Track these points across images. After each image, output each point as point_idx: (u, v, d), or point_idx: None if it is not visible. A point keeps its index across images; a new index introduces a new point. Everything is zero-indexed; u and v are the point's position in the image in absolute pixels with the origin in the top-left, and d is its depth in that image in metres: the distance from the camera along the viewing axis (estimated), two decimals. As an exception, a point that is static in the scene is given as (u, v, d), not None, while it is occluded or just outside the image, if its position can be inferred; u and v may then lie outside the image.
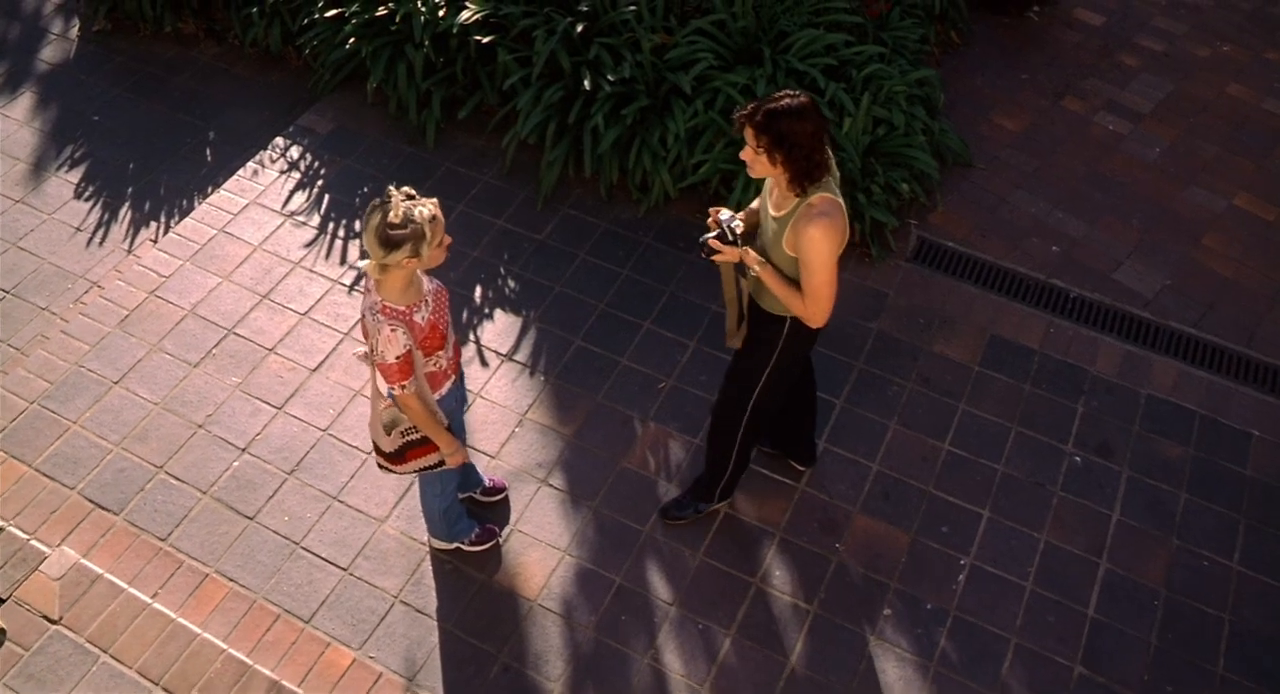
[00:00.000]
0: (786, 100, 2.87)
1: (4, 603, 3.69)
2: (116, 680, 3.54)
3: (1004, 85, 5.73)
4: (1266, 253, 4.97)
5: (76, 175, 5.13)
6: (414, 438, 3.20)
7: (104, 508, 3.94)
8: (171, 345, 4.41)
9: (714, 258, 3.15)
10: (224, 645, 3.63)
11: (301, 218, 4.89)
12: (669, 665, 3.64)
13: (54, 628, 3.65)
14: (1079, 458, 4.20)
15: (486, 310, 4.59)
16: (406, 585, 3.80)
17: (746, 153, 2.97)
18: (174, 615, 3.69)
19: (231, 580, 3.79)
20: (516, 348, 4.46)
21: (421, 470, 3.31)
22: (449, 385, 3.22)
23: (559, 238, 4.86)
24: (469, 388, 4.30)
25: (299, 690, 3.53)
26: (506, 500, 4.01)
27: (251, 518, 3.94)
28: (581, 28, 4.87)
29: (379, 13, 5.09)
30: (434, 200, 2.84)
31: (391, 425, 3.17)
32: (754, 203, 3.33)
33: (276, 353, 4.40)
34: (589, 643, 3.68)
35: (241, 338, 4.44)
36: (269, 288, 4.62)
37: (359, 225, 4.83)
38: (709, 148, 4.75)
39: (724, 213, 3.17)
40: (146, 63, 5.68)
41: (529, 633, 3.70)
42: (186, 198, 5.04)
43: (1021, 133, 5.46)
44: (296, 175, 5.07)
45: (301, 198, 4.97)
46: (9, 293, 4.65)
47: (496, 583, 3.81)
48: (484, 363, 4.41)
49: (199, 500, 3.97)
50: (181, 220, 4.88)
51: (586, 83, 4.76)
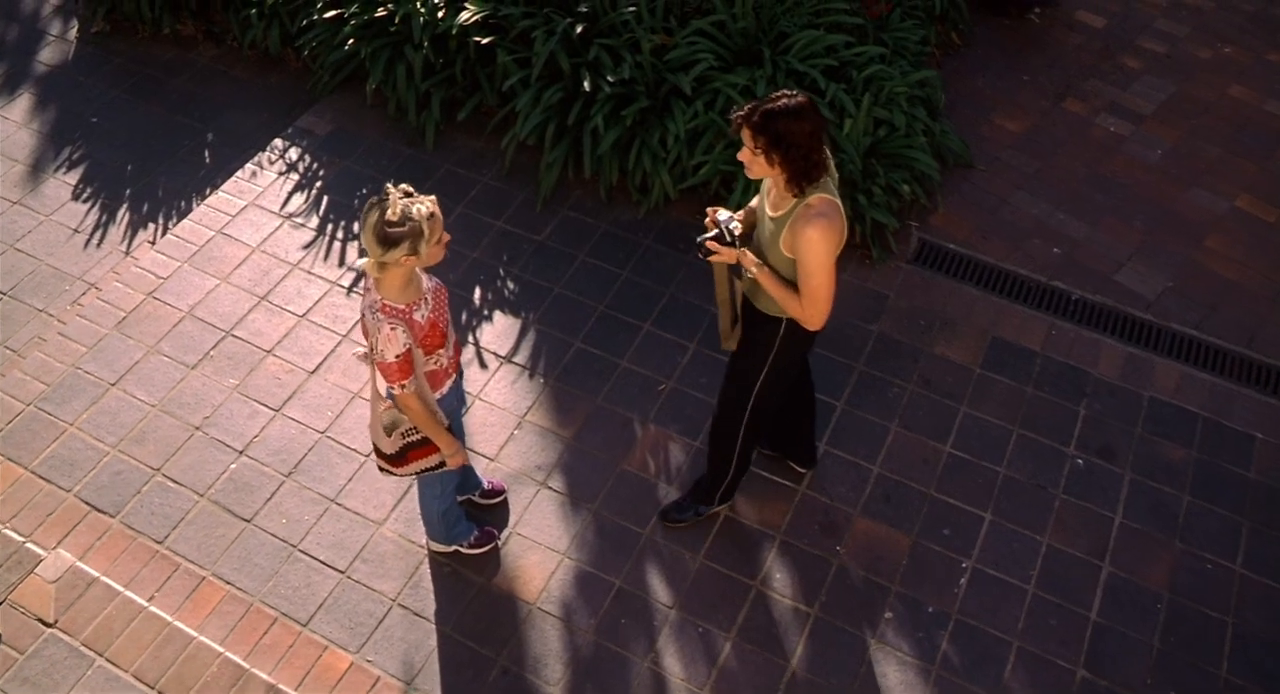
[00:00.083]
0: (784, 100, 2.86)
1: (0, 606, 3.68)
2: (112, 684, 3.52)
3: (1005, 87, 5.72)
4: (1268, 254, 4.95)
5: (74, 177, 5.11)
6: (414, 439, 3.18)
7: (100, 510, 3.92)
8: (169, 347, 4.39)
9: (710, 258, 3.14)
10: (221, 649, 3.61)
11: (300, 219, 4.88)
12: (669, 669, 3.62)
13: (49, 631, 3.63)
14: (1081, 460, 4.18)
15: (485, 312, 4.57)
16: (405, 588, 3.77)
17: (744, 154, 2.95)
18: (170, 618, 3.67)
19: (228, 583, 3.77)
20: (516, 350, 4.44)
21: (422, 472, 3.29)
22: (449, 384, 3.20)
23: (558, 239, 4.84)
24: (468, 390, 4.28)
25: (296, 694, 3.52)
26: (505, 503, 3.99)
27: (249, 520, 3.92)
28: (581, 29, 4.86)
29: (378, 14, 5.08)
30: (432, 198, 2.82)
31: (392, 427, 3.15)
32: (752, 202, 3.31)
33: (274, 355, 4.38)
34: (588, 646, 3.66)
35: (239, 340, 4.42)
36: (267, 289, 4.60)
37: (358, 226, 4.82)
38: (709, 149, 4.73)
39: (722, 213, 3.15)
40: (145, 64, 5.67)
41: (528, 636, 3.67)
42: (185, 199, 5.03)
43: (1023, 134, 5.45)
44: (295, 177, 5.05)
45: (300, 199, 4.95)
46: (6, 294, 4.63)
47: (495, 586, 3.79)
48: (483, 365, 4.39)
49: (196, 503, 3.95)
50: (179, 222, 4.87)
51: (586, 84, 4.75)
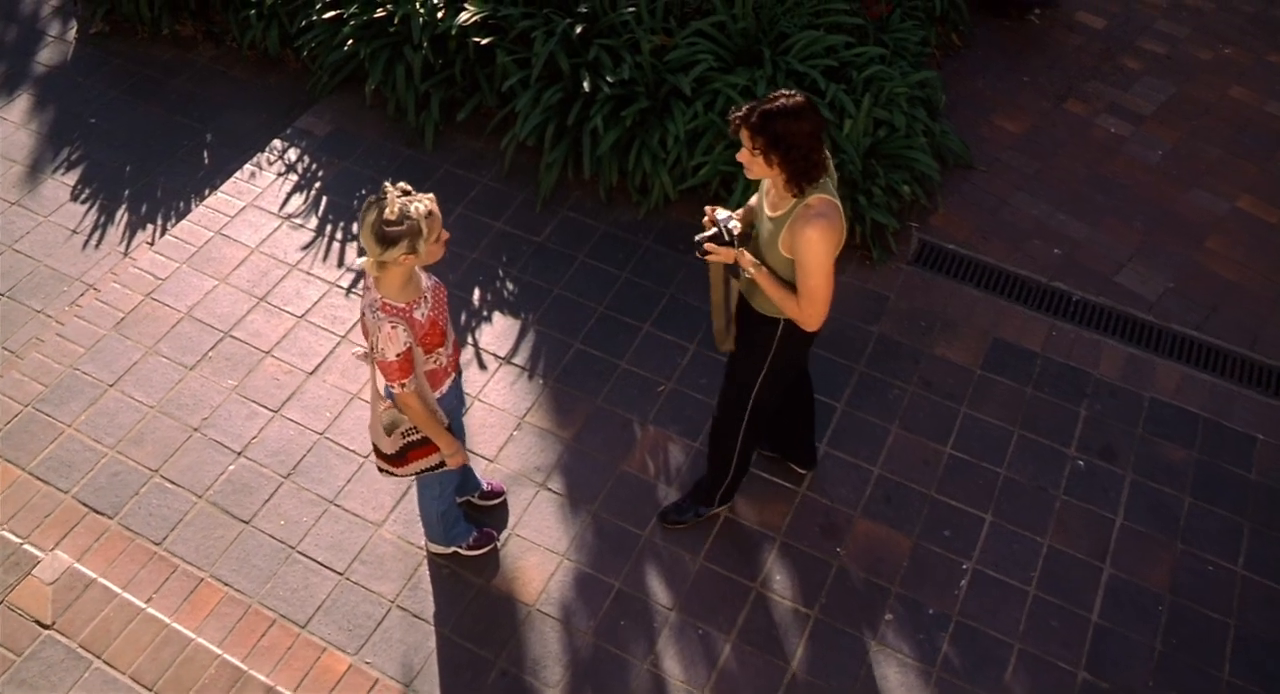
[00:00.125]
0: (782, 100, 2.84)
1: (-3, 608, 3.67)
2: (109, 686, 3.50)
3: (1005, 88, 5.71)
4: (1269, 255, 4.94)
5: (73, 178, 5.10)
6: (414, 439, 3.17)
7: (98, 512, 3.91)
8: (167, 348, 4.37)
9: (708, 258, 3.12)
10: (218, 651, 3.59)
11: (299, 220, 4.86)
12: (668, 671, 3.60)
13: (46, 633, 3.61)
14: (1082, 461, 4.17)
15: (485, 313, 4.56)
16: (403, 590, 3.76)
17: (743, 154, 2.94)
18: (168, 620, 3.65)
19: (226, 585, 3.75)
20: (515, 351, 4.43)
21: (422, 472, 3.28)
22: (448, 384, 3.19)
23: (558, 240, 4.83)
24: (467, 391, 4.27)
25: (294, 696, 3.50)
26: (505, 504, 3.98)
27: (247, 522, 3.91)
28: (581, 29, 4.85)
29: (377, 14, 5.07)
30: (430, 196, 2.80)
31: (392, 427, 3.14)
32: (751, 200, 3.29)
33: (273, 356, 4.37)
34: (588, 648, 3.64)
35: (238, 341, 4.41)
36: (266, 290, 4.59)
37: (356, 226, 4.81)
38: (709, 150, 4.72)
39: (720, 212, 3.14)
40: (144, 65, 5.66)
41: (527, 638, 3.66)
42: (183, 200, 5.02)
43: (1023, 135, 5.44)
44: (294, 178, 5.04)
45: (299, 200, 4.94)
46: (4, 295, 4.62)
47: (494, 588, 3.77)
48: (482, 366, 4.38)
49: (194, 504, 3.94)
50: (178, 223, 4.85)
51: (586, 84, 4.74)
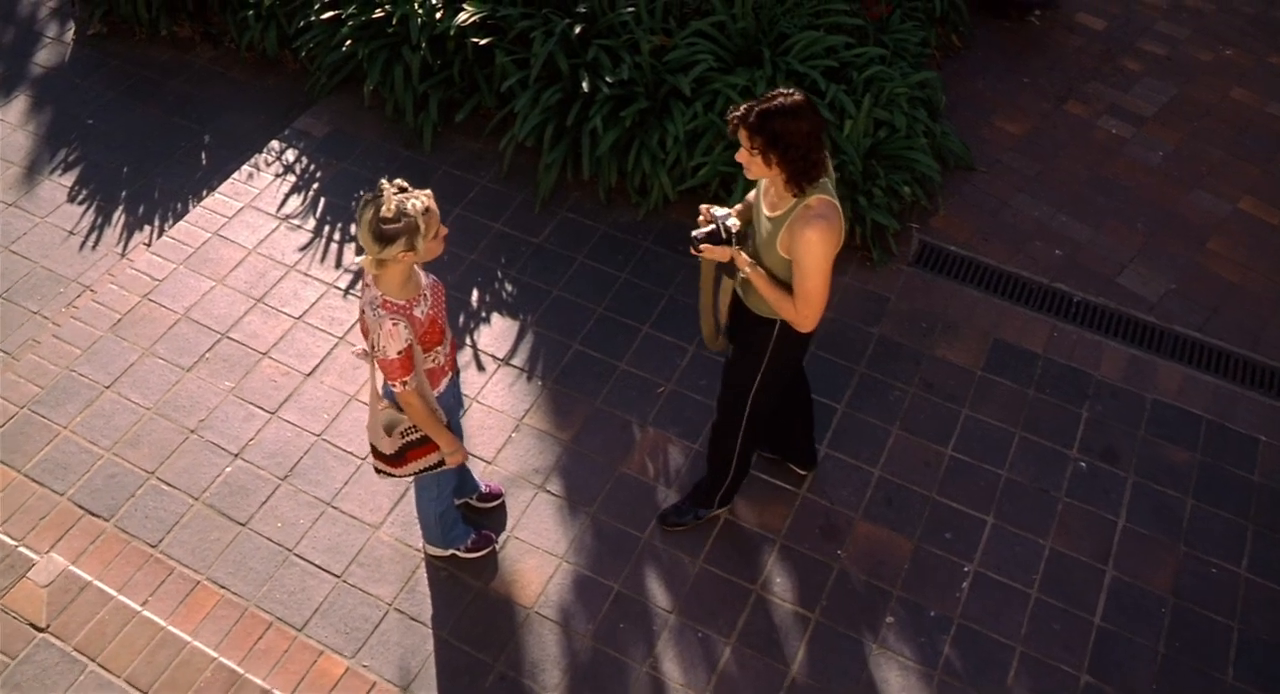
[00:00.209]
0: (780, 100, 2.82)
1: (-9, 610, 3.64)
2: (105, 690, 3.48)
3: (1005, 89, 5.69)
4: (1271, 256, 4.92)
5: (70, 179, 5.08)
6: (414, 438, 3.15)
7: (94, 514, 3.88)
8: (164, 349, 4.35)
9: (703, 255, 3.08)
10: (214, 654, 3.56)
11: (297, 221, 4.84)
12: (668, 674, 3.58)
13: (41, 636, 3.59)
14: (1084, 463, 4.15)
15: (483, 314, 4.54)
16: (401, 593, 3.74)
17: (742, 154, 2.91)
18: (164, 623, 3.62)
19: (223, 588, 3.73)
20: (514, 352, 4.41)
21: (421, 472, 3.26)
22: (446, 382, 3.18)
23: (557, 241, 4.81)
24: (466, 393, 4.25)
25: (291, 700, 3.48)
26: (503, 506, 3.95)
27: (244, 524, 3.88)
28: (580, 29, 4.83)
29: (376, 15, 5.05)
30: (427, 192, 2.78)
31: (391, 426, 3.13)
32: (749, 196, 3.26)
33: (270, 357, 4.35)
34: (586, 651, 3.62)
35: (235, 342, 4.39)
36: (263, 292, 4.57)
37: (354, 226, 4.79)
38: (708, 150, 4.70)
39: (718, 210, 3.10)
40: (142, 66, 5.65)
41: (525, 641, 3.63)
42: (181, 201, 5.00)
43: (1023, 136, 5.42)
44: (292, 179, 5.02)
45: (297, 201, 4.92)
46: (0, 297, 4.60)
47: (493, 590, 3.75)
48: (481, 367, 4.35)
49: (190, 506, 3.91)
50: (175, 224, 4.83)
51: (585, 85, 4.72)
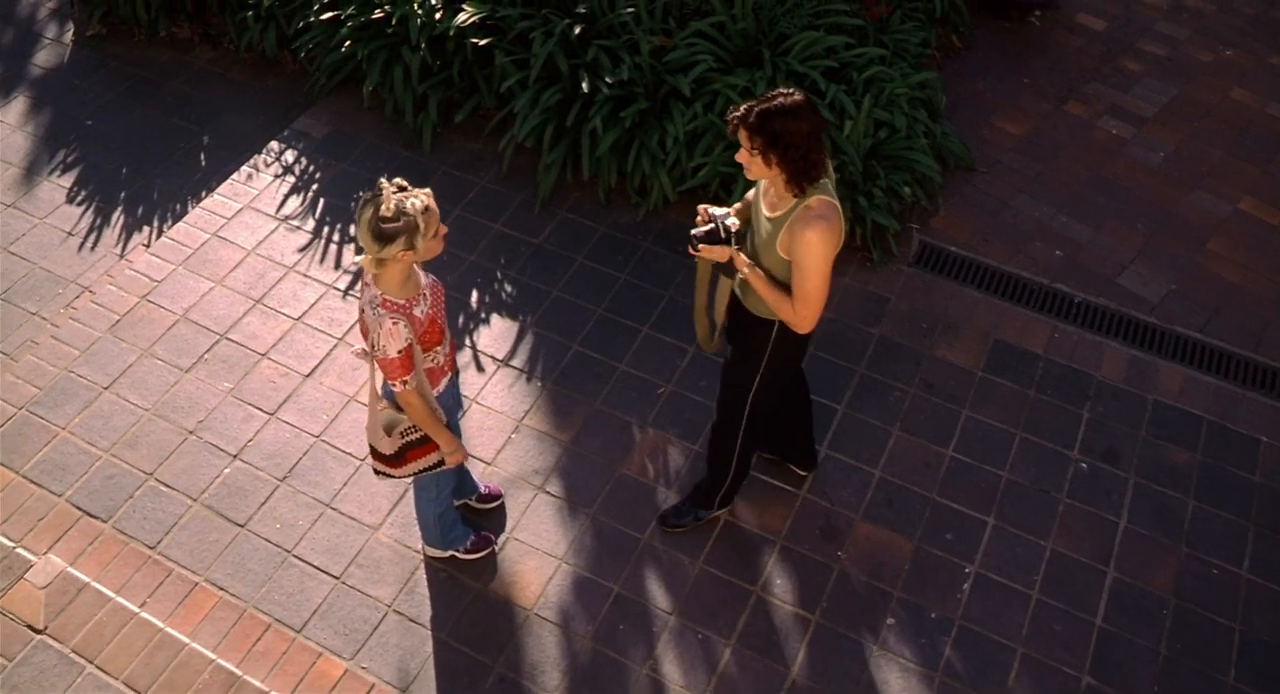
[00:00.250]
0: (780, 99, 2.81)
1: (-11, 612, 3.63)
2: (103, 691, 3.46)
3: (1006, 89, 5.69)
4: (1272, 257, 4.91)
5: (69, 180, 5.08)
6: (413, 438, 3.14)
7: (92, 515, 3.87)
8: (163, 350, 4.34)
9: (701, 254, 3.07)
10: (213, 655, 3.55)
11: (296, 222, 4.84)
12: (668, 676, 3.56)
13: (39, 637, 3.57)
14: (1085, 464, 4.14)
15: (483, 315, 4.53)
16: (400, 594, 3.72)
17: (742, 154, 2.90)
18: (162, 625, 3.61)
19: (221, 589, 3.71)
20: (513, 353, 4.40)
21: (421, 472, 3.25)
22: (445, 382, 3.17)
23: (556, 242, 4.80)
24: (465, 394, 4.24)
25: (289, 702, 3.47)
26: (502, 507, 3.94)
27: (242, 525, 3.87)
28: (579, 30, 4.82)
29: (375, 15, 5.04)
30: (427, 191, 2.76)
31: (390, 426, 3.12)
32: (749, 194, 3.24)
33: (269, 358, 4.34)
34: (586, 653, 3.61)
35: (234, 343, 4.38)
36: (262, 293, 4.56)
37: (353, 226, 4.78)
38: (708, 151, 4.69)
39: (718, 209, 3.09)
40: (141, 67, 5.64)
41: (525, 643, 3.62)
42: (180, 202, 4.99)
43: (1024, 137, 5.41)
44: (291, 179, 5.01)
45: (296, 202, 4.92)
46: (-1, 298, 4.60)
47: (492, 592, 3.74)
48: (480, 368, 4.34)
49: (189, 508, 3.90)
50: (174, 225, 4.83)
51: (585, 85, 4.71)
